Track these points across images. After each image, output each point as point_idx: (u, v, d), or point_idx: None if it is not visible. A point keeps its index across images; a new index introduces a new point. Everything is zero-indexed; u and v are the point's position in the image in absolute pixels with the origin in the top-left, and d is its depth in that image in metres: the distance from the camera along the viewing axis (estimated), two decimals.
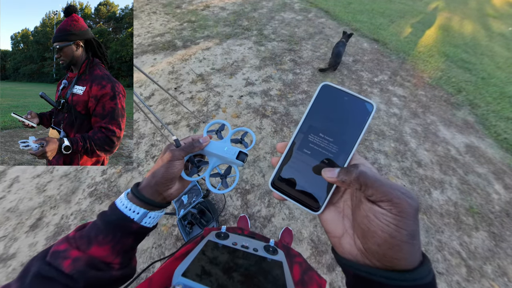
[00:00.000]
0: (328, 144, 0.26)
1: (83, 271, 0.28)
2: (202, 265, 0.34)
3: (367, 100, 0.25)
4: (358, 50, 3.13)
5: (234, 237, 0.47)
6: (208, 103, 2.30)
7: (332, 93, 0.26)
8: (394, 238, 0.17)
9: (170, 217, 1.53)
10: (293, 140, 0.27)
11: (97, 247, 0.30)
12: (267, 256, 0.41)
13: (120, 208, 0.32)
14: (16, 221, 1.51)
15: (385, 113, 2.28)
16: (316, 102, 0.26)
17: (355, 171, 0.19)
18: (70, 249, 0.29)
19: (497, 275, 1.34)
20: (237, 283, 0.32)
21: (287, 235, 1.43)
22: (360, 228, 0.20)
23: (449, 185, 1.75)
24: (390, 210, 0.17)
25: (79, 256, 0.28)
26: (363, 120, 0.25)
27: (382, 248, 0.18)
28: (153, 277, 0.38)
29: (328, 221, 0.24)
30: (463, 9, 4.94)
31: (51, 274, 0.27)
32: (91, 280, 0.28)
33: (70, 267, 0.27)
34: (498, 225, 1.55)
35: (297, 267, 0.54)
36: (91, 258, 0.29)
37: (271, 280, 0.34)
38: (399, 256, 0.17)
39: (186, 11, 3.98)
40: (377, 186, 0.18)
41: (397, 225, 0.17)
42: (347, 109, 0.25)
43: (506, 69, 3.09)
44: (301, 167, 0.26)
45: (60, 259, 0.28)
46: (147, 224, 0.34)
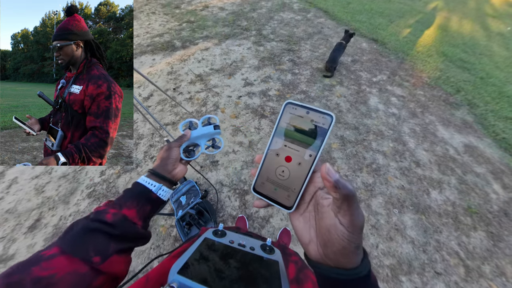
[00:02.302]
0: (297, 151, 0.30)
1: (121, 221, 0.37)
2: (198, 263, 0.34)
3: (327, 112, 0.28)
4: (357, 50, 3.13)
5: (231, 235, 0.47)
6: (206, 103, 2.30)
7: (295, 109, 0.30)
8: (345, 249, 0.23)
9: (169, 218, 1.53)
10: (266, 151, 0.32)
11: (127, 210, 0.39)
12: (263, 255, 0.41)
13: (142, 183, 0.43)
14: (14, 222, 1.52)
15: (383, 113, 2.28)
16: (283, 118, 0.30)
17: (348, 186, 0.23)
18: (108, 208, 0.38)
19: (495, 275, 1.34)
20: (232, 281, 0.32)
21: (285, 236, 1.43)
22: (322, 239, 0.26)
23: (447, 185, 1.76)
24: (347, 228, 0.23)
25: (116, 212, 0.37)
26: (325, 129, 0.28)
27: (337, 255, 0.24)
28: (150, 274, 0.39)
29: (298, 231, 0.29)
30: (462, 9, 4.94)
31: (95, 226, 0.34)
32: (125, 230, 0.37)
33: (112, 218, 0.36)
34: (496, 225, 1.55)
35: (292, 265, 0.55)
36: (124, 216, 0.38)
37: (267, 278, 0.34)
38: (347, 260, 0.24)
39: (185, 12, 3.98)
40: (351, 204, 0.23)
41: (349, 239, 0.23)
42: (310, 121, 0.29)
43: (505, 69, 3.10)
44: (276, 171, 0.31)
45: (103, 214, 0.36)
46: (161, 196, 0.44)
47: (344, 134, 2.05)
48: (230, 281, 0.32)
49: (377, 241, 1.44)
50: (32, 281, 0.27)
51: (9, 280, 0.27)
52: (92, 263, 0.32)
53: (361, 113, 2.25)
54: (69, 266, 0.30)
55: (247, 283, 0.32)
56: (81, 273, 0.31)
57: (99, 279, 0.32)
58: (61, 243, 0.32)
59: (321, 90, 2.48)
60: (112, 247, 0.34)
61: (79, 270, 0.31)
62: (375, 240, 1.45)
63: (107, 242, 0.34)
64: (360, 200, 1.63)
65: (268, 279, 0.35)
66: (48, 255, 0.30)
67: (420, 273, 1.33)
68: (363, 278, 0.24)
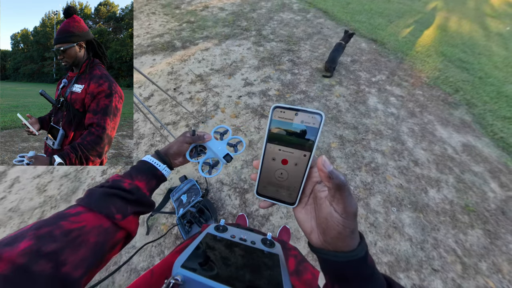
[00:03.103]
0: (292, 153, 0.30)
1: (136, 188, 0.43)
2: (200, 257, 0.35)
3: (316, 111, 0.29)
4: (356, 50, 3.15)
5: (233, 230, 0.48)
6: (207, 103, 2.32)
7: (283, 112, 0.30)
8: (341, 234, 0.26)
9: (170, 216, 1.55)
10: (262, 158, 0.32)
11: (138, 182, 0.45)
12: (264, 249, 0.42)
13: (148, 161, 0.49)
14: (18, 220, 1.53)
15: (382, 113, 2.29)
16: (273, 122, 0.30)
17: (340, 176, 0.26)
18: (123, 178, 0.43)
19: (491, 272, 1.36)
20: (234, 274, 0.33)
21: (284, 234, 1.44)
22: (321, 227, 0.28)
23: (445, 183, 1.77)
24: (341, 214, 0.26)
25: (131, 182, 0.43)
26: (316, 128, 0.29)
27: (334, 240, 0.27)
28: (155, 268, 0.41)
29: (301, 222, 0.32)
30: (461, 9, 4.95)
31: (113, 191, 0.39)
32: (139, 196, 0.42)
33: (129, 185, 0.42)
34: (493, 223, 1.57)
35: (292, 259, 0.56)
36: (137, 185, 0.43)
37: (268, 270, 0.36)
38: (344, 244, 0.27)
39: (185, 12, 3.99)
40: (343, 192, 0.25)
41: (344, 225, 0.26)
42: (300, 122, 0.29)
43: (504, 69, 3.11)
44: (275, 174, 0.32)
45: (120, 182, 0.42)
46: (165, 174, 0.50)
47: (343, 134, 2.06)
48: (232, 273, 0.33)
49: (375, 238, 1.46)
50: (63, 233, 0.30)
51: (39, 232, 0.29)
52: (115, 219, 0.37)
53: (360, 113, 2.27)
54: (96, 220, 0.35)
55: (248, 275, 0.34)
56: (106, 227, 0.36)
57: (119, 234, 0.38)
58: (85, 203, 0.37)
59: (320, 90, 2.49)
60: (130, 209, 0.40)
61: (104, 224, 0.36)
62: (374, 237, 1.47)
63: (125, 204, 0.40)
64: (359, 199, 1.64)
65: (268, 270, 0.36)
66: (75, 212, 0.34)
67: (417, 270, 1.34)
68: (360, 260, 0.27)
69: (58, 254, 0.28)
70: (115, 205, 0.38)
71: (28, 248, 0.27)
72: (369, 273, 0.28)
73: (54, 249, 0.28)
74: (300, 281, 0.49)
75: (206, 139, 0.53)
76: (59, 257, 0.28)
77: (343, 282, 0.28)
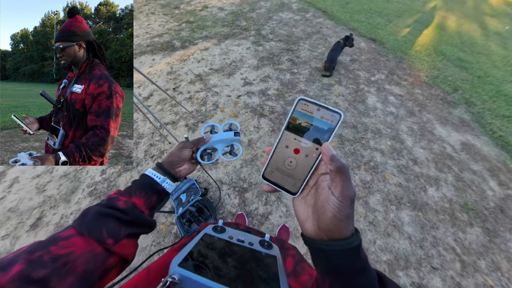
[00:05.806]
0: (305, 144, 0.32)
1: (131, 208, 0.39)
2: (198, 257, 0.36)
3: (337, 110, 0.30)
4: (356, 49, 3.15)
5: (231, 231, 0.48)
6: (206, 103, 2.32)
7: (307, 105, 0.32)
8: (336, 217, 0.26)
9: (169, 215, 1.55)
10: (277, 143, 0.34)
11: (136, 198, 0.42)
12: (261, 250, 0.43)
13: (149, 175, 0.46)
14: (17, 221, 1.53)
15: (381, 112, 2.30)
16: (295, 112, 0.32)
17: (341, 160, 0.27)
18: (119, 196, 0.41)
19: (490, 270, 1.36)
20: (231, 275, 0.33)
21: (284, 233, 1.45)
22: (317, 213, 0.29)
23: (444, 182, 1.78)
24: (338, 197, 0.26)
25: (127, 200, 0.40)
26: (333, 125, 0.30)
27: (329, 225, 0.27)
28: (151, 267, 0.41)
29: (298, 210, 0.33)
30: (460, 8, 4.96)
31: (108, 212, 0.37)
32: (135, 216, 0.39)
33: (123, 205, 0.39)
34: (492, 221, 1.57)
35: (290, 259, 0.56)
36: (134, 203, 0.41)
37: (265, 272, 0.36)
38: (338, 230, 0.27)
39: (184, 12, 4.00)
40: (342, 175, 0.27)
41: (339, 208, 0.26)
42: (319, 118, 0.31)
43: (502, 68, 3.12)
44: (285, 161, 0.33)
45: (115, 200, 0.39)
46: (166, 188, 0.47)
47: (342, 133, 2.07)
48: (228, 274, 0.33)
49: (374, 237, 1.47)
50: (52, 259, 0.29)
51: (31, 257, 0.29)
52: (106, 244, 0.34)
53: (359, 112, 2.27)
54: (86, 246, 0.33)
55: (245, 276, 0.34)
56: (96, 252, 0.33)
57: (111, 259, 0.35)
58: (77, 225, 0.35)
59: (319, 89, 2.50)
60: (123, 231, 0.37)
61: (95, 250, 0.33)
62: (373, 236, 1.47)
63: (118, 226, 0.37)
64: (358, 197, 1.65)
65: (265, 272, 0.36)
66: (66, 235, 0.33)
67: (416, 268, 1.35)
68: (352, 249, 0.27)
69: (48, 280, 0.27)
70: (108, 227, 0.35)
71: (19, 273, 0.26)
72: (362, 267, 0.27)
73: (43, 275, 0.27)
74: (297, 283, 0.49)
75: (205, 139, 0.53)
76: (48, 284, 0.27)
77: (335, 276, 0.28)
